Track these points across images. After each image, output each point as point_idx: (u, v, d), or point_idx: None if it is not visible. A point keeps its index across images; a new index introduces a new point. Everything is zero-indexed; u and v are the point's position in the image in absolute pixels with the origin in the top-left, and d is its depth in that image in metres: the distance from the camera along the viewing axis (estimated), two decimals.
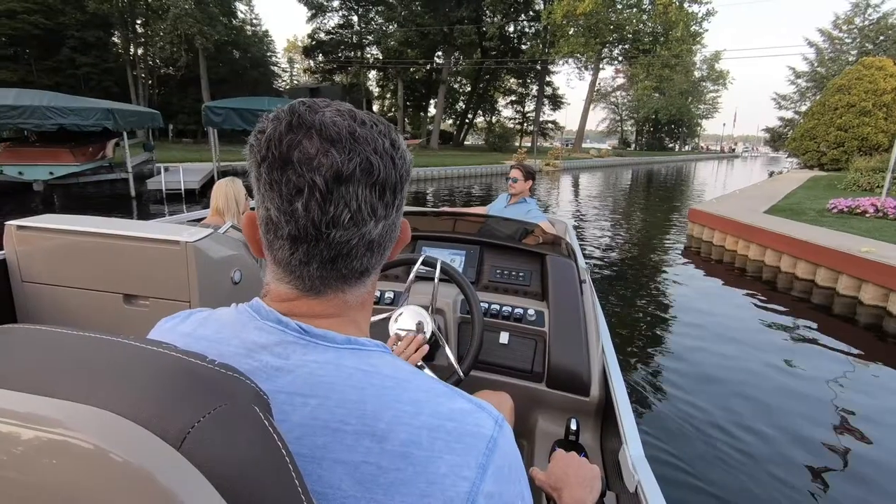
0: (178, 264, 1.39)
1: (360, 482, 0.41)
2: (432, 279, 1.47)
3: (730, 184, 24.71)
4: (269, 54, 39.82)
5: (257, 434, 0.34)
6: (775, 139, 39.26)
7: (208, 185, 13.44)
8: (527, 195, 3.48)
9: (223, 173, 16.84)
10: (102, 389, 0.32)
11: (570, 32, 32.11)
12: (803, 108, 34.39)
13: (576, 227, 6.43)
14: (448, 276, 1.45)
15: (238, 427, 0.33)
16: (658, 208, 13.77)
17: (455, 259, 2.01)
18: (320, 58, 39.35)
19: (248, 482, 0.32)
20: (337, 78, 40.97)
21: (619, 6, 31.83)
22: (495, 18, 35.75)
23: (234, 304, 0.53)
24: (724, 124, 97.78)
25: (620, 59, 37.34)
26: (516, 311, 1.74)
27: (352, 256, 0.48)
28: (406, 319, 1.33)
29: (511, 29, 38.70)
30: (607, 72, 52.76)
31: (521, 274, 1.95)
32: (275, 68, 41.23)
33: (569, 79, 75.35)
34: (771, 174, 26.91)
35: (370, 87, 43.26)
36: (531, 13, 36.37)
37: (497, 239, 2.11)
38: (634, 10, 31.97)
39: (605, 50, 35.13)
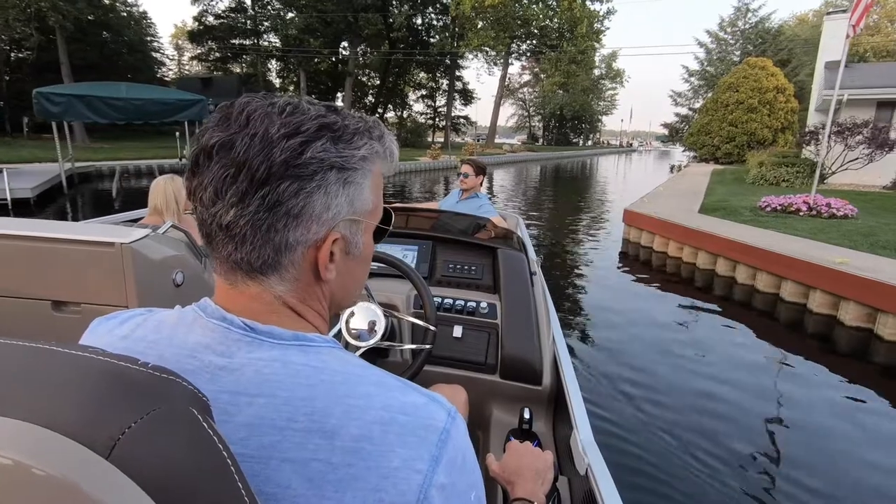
0: (113, 267, 1.29)
1: (310, 480, 0.40)
2: (386, 275, 1.55)
3: (635, 178, 25.42)
4: (148, 38, 35.13)
5: (195, 437, 0.33)
6: (672, 134, 41.73)
7: (52, 192, 10.80)
8: (479, 190, 3.44)
9: (82, 176, 14.09)
10: (21, 399, 0.31)
11: (479, 25, 31.61)
12: (697, 105, 36.73)
13: None
14: (401, 271, 1.38)
15: (173, 431, 0.32)
16: (581, 206, 13.22)
17: (408, 255, 1.99)
18: (210, 45, 35.44)
19: (186, 488, 0.31)
20: (235, 68, 37.31)
21: (526, 1, 31.81)
22: (402, 8, 34.28)
23: (177, 306, 0.52)
24: (622, 120, 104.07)
25: (529, 54, 37.55)
26: (469, 304, 1.76)
27: (214, 239, 0.47)
28: (358, 319, 1.29)
29: (419, 21, 37.48)
30: (514, 68, 53.34)
31: (473, 268, 1.97)
32: (157, 55, 36.48)
33: (479, 74, 76.07)
34: (673, 168, 28.15)
35: (271, 79, 39.90)
36: (438, 6, 35.33)
37: (449, 234, 2.14)
38: (540, 4, 32.11)
39: (514, 45, 35.09)
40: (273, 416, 0.41)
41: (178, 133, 16.01)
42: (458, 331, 1.68)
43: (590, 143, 70.15)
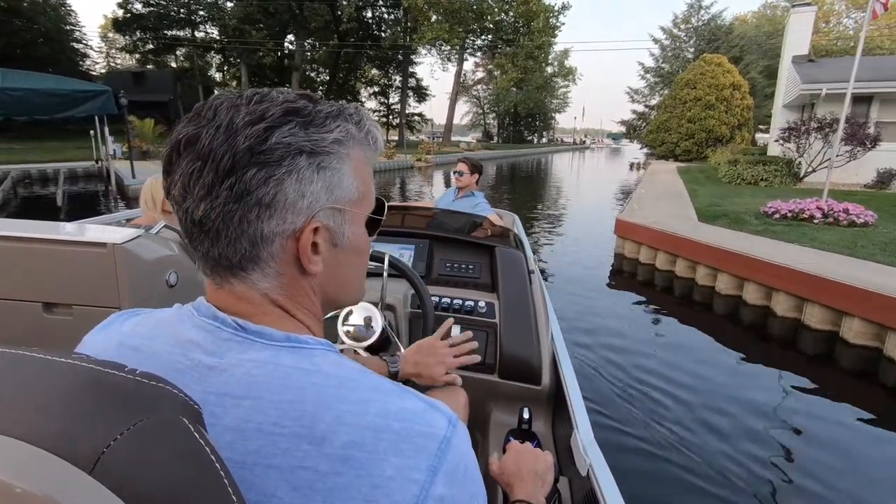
0: (105, 268, 1.27)
1: (297, 488, 0.38)
2: (380, 275, 1.47)
3: (598, 178, 24.86)
4: (68, 27, 31.69)
5: (186, 449, 0.31)
6: (630, 131, 41.80)
7: None
8: (474, 188, 3.43)
9: None
10: (2, 412, 0.30)
11: (433, 19, 30.33)
12: (653, 102, 36.78)
13: None
14: (398, 271, 1.38)
15: (162, 443, 0.30)
16: (552, 210, 12.14)
17: (404, 253, 1.99)
18: (139, 35, 32.35)
19: (176, 503, 0.29)
20: (172, 62, 34.33)
21: None
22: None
23: (177, 304, 0.51)
24: (574, 118, 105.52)
25: (485, 49, 36.55)
26: (467, 303, 1.74)
27: (191, 236, 0.46)
28: (354, 317, 1.28)
29: (369, 14, 35.75)
30: (468, 65, 52.26)
31: (470, 267, 1.95)
32: (79, 45, 32.95)
33: (433, 70, 74.70)
34: (632, 165, 27.82)
35: (211, 74, 37.04)
36: None
37: (446, 232, 2.11)
38: None
39: (469, 40, 34.00)
40: (259, 420, 0.40)
41: (91, 132, 13.94)
42: (456, 331, 1.61)
43: (544, 140, 70.19)
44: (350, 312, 1.29)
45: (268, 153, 0.42)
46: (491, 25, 33.01)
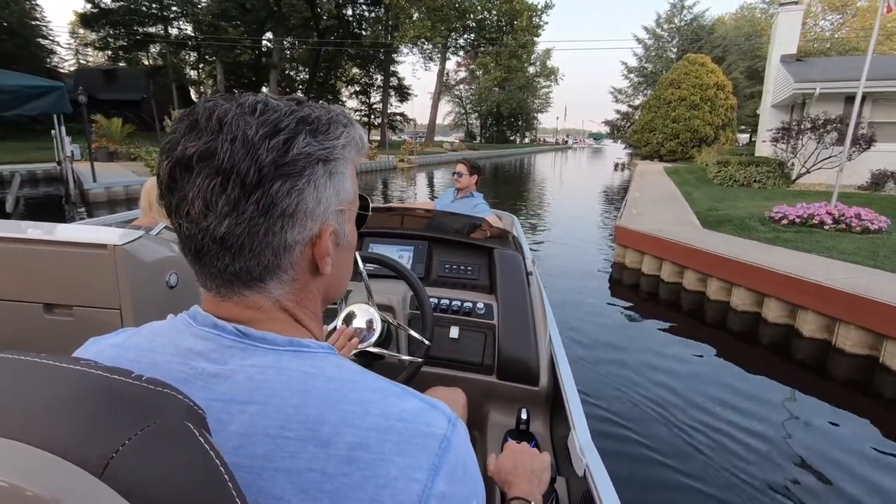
0: (105, 270, 1.27)
1: (305, 490, 0.38)
2: (381, 276, 1.50)
3: (580, 178, 24.61)
4: (34, 22, 30.27)
5: (191, 453, 0.32)
6: (614, 131, 41.69)
7: None
8: (473, 189, 3.39)
9: None
10: (11, 417, 0.30)
11: (415, 16, 29.75)
12: (637, 102, 36.70)
13: None
14: (396, 272, 1.38)
15: (168, 447, 0.31)
16: (538, 210, 11.68)
17: (403, 255, 1.98)
18: (108, 31, 31.04)
19: None
20: (146, 59, 33.06)
21: None
22: None
23: (170, 315, 0.51)
24: (557, 118, 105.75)
25: (467, 48, 36.07)
26: (465, 305, 1.75)
27: (207, 254, 0.44)
28: (357, 321, 1.29)
29: (349, 12, 34.99)
30: (450, 65, 51.74)
31: (469, 268, 1.95)
32: (45, 41, 31.49)
33: (415, 69, 73.91)
34: (617, 166, 27.65)
35: (187, 71, 35.80)
36: None
37: (445, 234, 2.11)
38: None
39: (452, 38, 33.50)
40: (265, 424, 0.40)
41: (53, 132, 13.06)
42: (454, 331, 1.67)
43: (527, 140, 70.04)
44: (353, 316, 1.28)
45: (291, 165, 0.43)
46: (473, 24, 32.59)
